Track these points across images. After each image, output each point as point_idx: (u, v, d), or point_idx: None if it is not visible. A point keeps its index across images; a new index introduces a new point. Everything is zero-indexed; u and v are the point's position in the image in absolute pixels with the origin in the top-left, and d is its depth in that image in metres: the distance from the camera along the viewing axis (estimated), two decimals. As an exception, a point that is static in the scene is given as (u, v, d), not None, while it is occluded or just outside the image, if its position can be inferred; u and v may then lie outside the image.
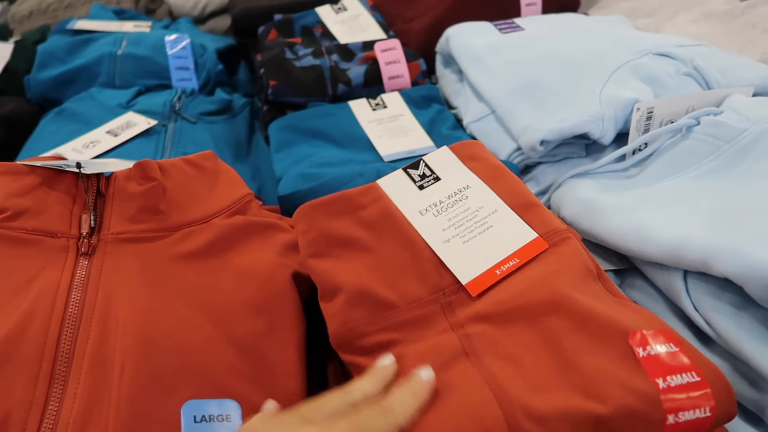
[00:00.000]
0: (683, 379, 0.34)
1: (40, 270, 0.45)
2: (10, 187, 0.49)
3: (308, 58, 0.84)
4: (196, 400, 0.38)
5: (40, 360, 0.39)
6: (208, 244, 0.49)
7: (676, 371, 0.35)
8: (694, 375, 0.35)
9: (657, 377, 0.34)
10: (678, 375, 0.35)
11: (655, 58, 0.69)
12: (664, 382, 0.34)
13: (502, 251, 0.45)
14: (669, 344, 0.37)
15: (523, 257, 0.44)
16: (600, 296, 0.42)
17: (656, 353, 0.36)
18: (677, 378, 0.34)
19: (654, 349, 0.36)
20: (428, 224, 0.47)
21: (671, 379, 0.34)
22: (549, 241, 0.45)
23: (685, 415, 0.33)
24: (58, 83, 0.90)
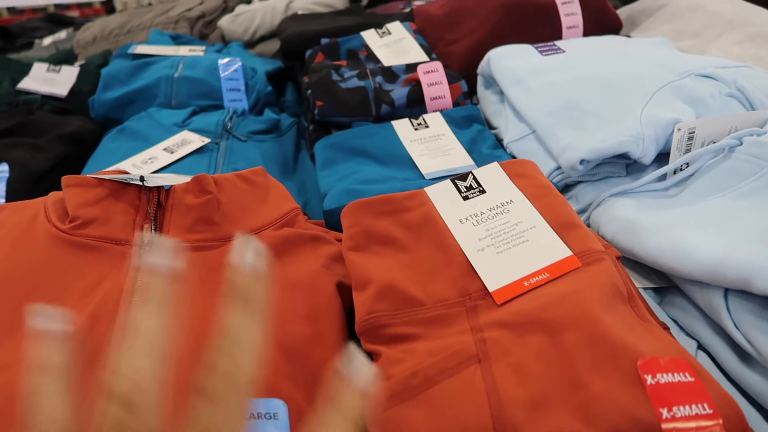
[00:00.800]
0: (692, 411, 0.34)
1: (105, 274, 0.48)
2: (81, 197, 0.53)
3: (353, 79, 0.87)
4: (246, 399, 0.41)
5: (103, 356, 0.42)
6: (258, 254, 0.52)
7: (685, 401, 0.34)
8: (705, 407, 0.34)
9: (662, 406, 0.34)
10: (686, 406, 0.34)
11: (698, 79, 0.69)
12: (668, 412, 0.34)
13: (533, 265, 0.46)
14: (683, 373, 0.36)
15: (553, 273, 0.46)
16: (625, 319, 0.42)
17: (666, 381, 0.35)
18: (685, 409, 0.34)
19: (664, 377, 0.36)
20: (466, 232, 0.49)
21: (678, 409, 0.34)
22: (583, 261, 0.46)
23: None
24: (120, 104, 0.96)
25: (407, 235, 0.50)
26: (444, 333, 0.44)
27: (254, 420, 0.40)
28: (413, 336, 0.44)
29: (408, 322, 0.44)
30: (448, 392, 0.39)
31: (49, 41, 1.56)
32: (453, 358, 0.41)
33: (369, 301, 0.46)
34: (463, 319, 0.44)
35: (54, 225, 0.51)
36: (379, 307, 0.45)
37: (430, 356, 0.41)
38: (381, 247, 0.50)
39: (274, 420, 0.40)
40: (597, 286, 0.43)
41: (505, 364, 0.40)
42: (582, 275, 0.44)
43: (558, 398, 0.37)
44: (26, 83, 1.03)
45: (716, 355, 0.47)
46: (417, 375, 0.40)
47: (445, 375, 0.40)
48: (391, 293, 0.46)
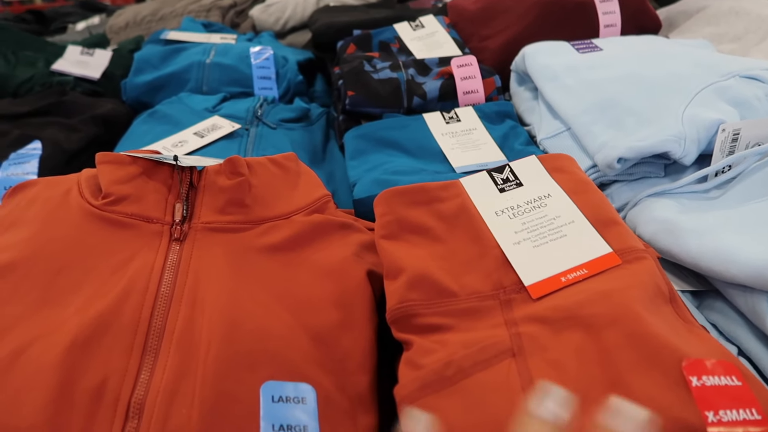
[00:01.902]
0: (739, 415, 0.32)
1: (137, 251, 0.48)
2: (114, 174, 0.53)
3: (386, 71, 0.86)
4: (275, 382, 0.40)
5: (134, 332, 0.42)
6: (288, 239, 0.52)
7: (731, 405, 0.33)
8: (753, 412, 0.33)
9: (708, 409, 0.33)
10: (733, 410, 0.33)
11: (743, 80, 0.67)
12: (715, 415, 0.32)
13: (571, 260, 0.45)
14: (730, 377, 0.35)
15: (592, 269, 0.44)
16: (667, 319, 0.41)
17: (712, 384, 0.34)
18: (732, 413, 0.32)
19: (710, 379, 0.34)
20: (502, 225, 0.48)
21: (724, 413, 0.32)
22: (623, 258, 0.45)
23: None
24: (151, 88, 0.96)
25: (441, 225, 0.50)
26: (477, 326, 0.43)
27: (282, 403, 0.39)
28: (446, 327, 0.43)
29: (440, 313, 0.43)
30: (483, 385, 0.38)
31: (83, 26, 1.58)
32: (487, 350, 0.40)
33: (401, 289, 0.45)
34: (497, 312, 0.43)
35: (87, 201, 0.51)
36: (412, 296, 0.44)
37: (463, 348, 0.40)
38: (414, 236, 0.49)
39: (302, 404, 0.40)
40: (639, 284, 0.41)
41: (542, 359, 0.39)
42: (622, 273, 0.43)
43: (597, 396, 0.35)
44: (60, 65, 1.04)
45: (758, 362, 0.46)
46: (450, 366, 0.39)
47: (479, 367, 0.39)
48: (424, 283, 0.45)
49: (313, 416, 0.39)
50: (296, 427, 0.38)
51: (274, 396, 0.39)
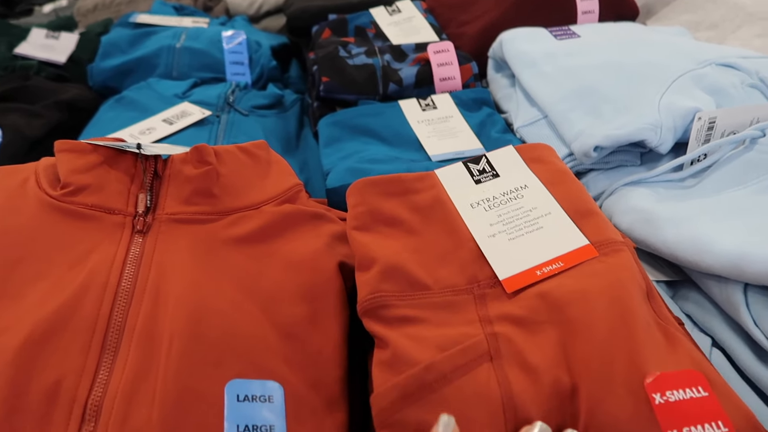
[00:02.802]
0: (704, 430, 0.32)
1: (97, 244, 0.46)
2: (74, 164, 0.50)
3: (361, 56, 0.84)
4: (240, 380, 0.39)
5: (92, 330, 0.40)
6: (257, 230, 0.50)
7: (697, 421, 0.32)
8: (720, 425, 0.32)
9: (671, 428, 0.32)
10: (699, 426, 0.32)
11: (719, 68, 0.67)
12: None
13: (547, 253, 0.44)
14: (695, 388, 0.34)
15: (568, 262, 0.43)
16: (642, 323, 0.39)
17: (676, 399, 0.33)
18: (697, 429, 0.32)
19: (674, 394, 0.33)
20: (477, 217, 0.47)
21: (689, 430, 0.32)
22: (600, 251, 0.44)
23: None
24: (119, 72, 0.93)
25: (415, 217, 0.48)
26: (451, 320, 0.42)
27: (248, 402, 0.38)
28: (418, 319, 0.42)
29: (413, 305, 0.42)
30: (463, 396, 0.36)
31: (50, 8, 1.52)
32: (467, 353, 0.38)
33: (373, 280, 0.44)
34: (470, 307, 0.42)
35: (45, 191, 0.49)
36: (384, 287, 0.43)
37: (439, 348, 0.39)
38: (387, 228, 0.48)
39: (269, 403, 0.38)
40: (615, 282, 0.40)
41: (518, 365, 0.38)
42: (599, 267, 0.42)
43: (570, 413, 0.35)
44: (23, 48, 1.00)
45: (732, 352, 0.46)
46: (431, 370, 0.37)
47: (459, 373, 0.37)
48: (396, 274, 0.44)
49: (281, 415, 0.38)
50: (262, 427, 0.37)
51: (240, 395, 0.38)
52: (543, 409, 0.35)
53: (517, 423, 0.35)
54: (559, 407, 0.35)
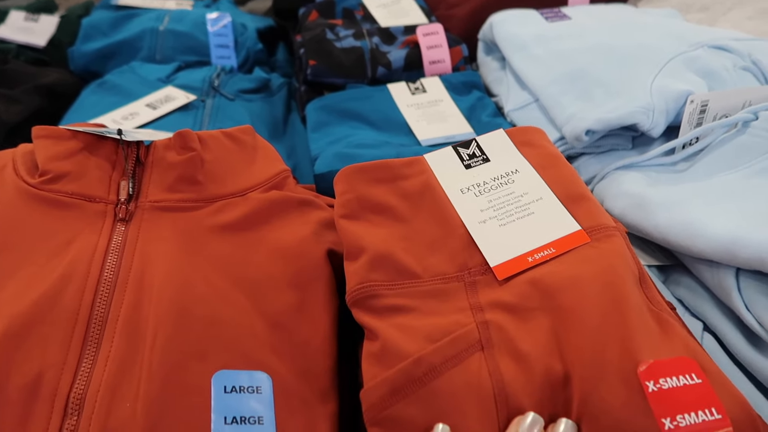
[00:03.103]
0: (698, 418, 0.31)
1: (77, 233, 0.45)
2: (52, 150, 0.49)
3: (349, 39, 0.83)
4: (227, 371, 0.38)
5: (74, 321, 0.39)
6: (244, 217, 0.49)
7: (690, 408, 0.32)
8: (713, 412, 0.31)
9: (664, 416, 0.31)
10: (692, 413, 0.31)
11: (711, 50, 0.66)
12: (672, 422, 0.31)
13: (538, 239, 0.43)
14: (689, 375, 0.33)
15: (559, 248, 0.42)
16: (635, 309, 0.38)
17: (669, 387, 0.33)
18: (691, 417, 0.31)
19: (667, 382, 0.33)
20: (467, 203, 0.46)
21: (682, 418, 0.31)
22: (592, 236, 0.43)
23: None
24: (101, 56, 0.90)
25: (404, 204, 0.47)
26: (441, 308, 0.41)
27: (236, 393, 0.37)
28: (408, 308, 0.41)
29: (402, 294, 0.41)
30: (454, 388, 0.36)
31: (29, -10, 1.48)
32: (456, 343, 0.38)
33: (362, 270, 0.43)
34: (461, 294, 0.42)
35: (22, 179, 0.47)
36: (373, 277, 0.42)
37: (430, 340, 0.38)
38: (376, 215, 0.47)
39: (257, 394, 0.37)
40: (608, 268, 0.40)
41: (509, 354, 0.37)
42: (591, 253, 0.41)
43: (562, 401, 0.34)
44: (1, 31, 0.97)
45: (723, 337, 0.45)
46: (420, 363, 0.36)
47: (449, 364, 0.37)
48: (385, 263, 0.43)
49: (269, 406, 0.37)
50: (250, 418, 0.36)
51: (227, 386, 0.37)
52: (535, 399, 0.35)
53: (509, 414, 0.35)
54: (552, 396, 0.35)
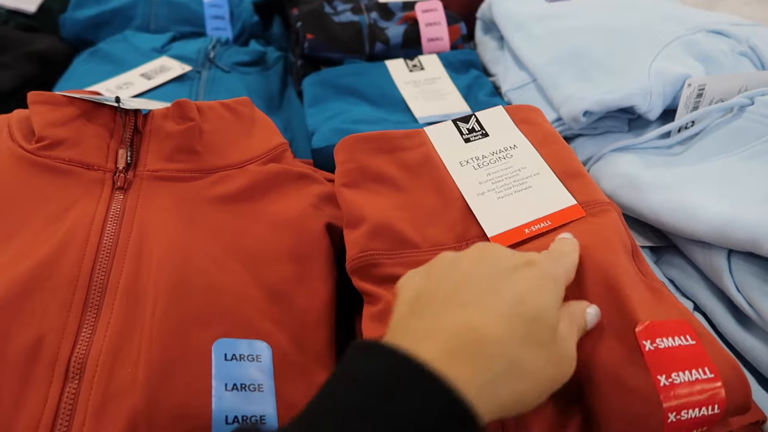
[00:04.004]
0: (692, 376, 0.32)
1: (76, 200, 0.45)
2: (49, 116, 0.48)
3: (347, 14, 0.82)
4: (227, 339, 0.38)
5: (74, 287, 0.39)
6: (242, 190, 0.49)
7: (685, 367, 0.33)
8: (706, 371, 0.33)
9: (660, 374, 0.33)
10: (686, 371, 0.33)
11: (709, 35, 0.66)
12: (667, 379, 0.32)
13: (535, 212, 0.44)
14: (684, 337, 0.35)
15: (555, 221, 0.43)
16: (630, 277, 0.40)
17: (665, 346, 0.34)
18: (685, 375, 0.32)
19: (664, 342, 0.34)
20: (466, 175, 0.47)
21: (677, 375, 0.32)
22: (587, 211, 0.44)
23: (689, 413, 0.32)
24: (93, 24, 0.89)
25: (404, 175, 0.48)
26: None
27: (236, 361, 0.37)
28: None
29: (402, 263, 0.42)
30: None
31: (16, -45, 1.44)
32: None
33: (362, 238, 0.43)
34: None
35: (19, 144, 0.47)
36: (373, 246, 0.43)
37: None
38: (376, 185, 0.47)
39: (257, 362, 0.38)
40: (603, 240, 0.40)
41: None
42: (586, 227, 0.42)
43: None
44: (-10, -4, 0.95)
45: (713, 317, 0.46)
46: None
47: None
48: (385, 232, 0.43)
49: (269, 374, 0.38)
50: (250, 385, 0.37)
51: (227, 354, 0.38)
52: None
53: None
54: None
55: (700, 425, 0.32)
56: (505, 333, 0.28)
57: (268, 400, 0.37)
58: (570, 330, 0.32)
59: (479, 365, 0.27)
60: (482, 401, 0.26)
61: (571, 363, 0.32)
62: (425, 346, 0.27)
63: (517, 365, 0.28)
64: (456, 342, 0.28)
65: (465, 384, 0.26)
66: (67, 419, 0.34)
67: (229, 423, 0.35)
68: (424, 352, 0.26)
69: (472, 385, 0.26)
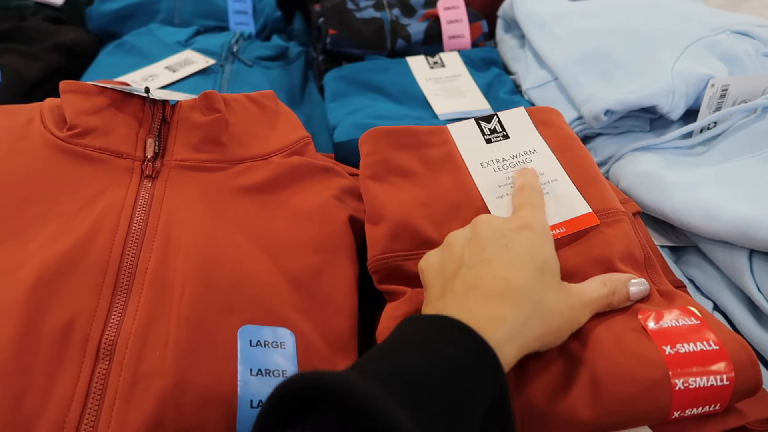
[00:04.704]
0: (696, 347, 0.34)
1: (105, 187, 0.46)
2: (80, 105, 0.49)
3: (369, 10, 0.83)
4: (252, 326, 0.39)
5: (104, 271, 0.40)
6: (266, 181, 0.49)
7: (689, 339, 0.34)
8: (711, 343, 0.34)
9: (665, 344, 0.34)
10: (691, 343, 0.34)
11: (733, 36, 0.66)
12: (672, 348, 0.34)
13: (551, 218, 0.44)
14: (687, 318, 0.36)
15: (570, 228, 0.44)
16: None
17: (669, 326, 0.35)
18: (689, 345, 0.34)
19: (666, 322, 0.36)
20: (486, 177, 0.47)
21: (681, 346, 0.34)
22: (601, 219, 0.44)
23: (696, 381, 0.32)
24: (119, 17, 0.90)
25: (427, 171, 0.48)
26: None
27: (261, 347, 0.38)
28: None
29: None
30: None
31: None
32: None
33: (384, 239, 0.44)
34: None
35: (51, 132, 0.48)
36: (394, 247, 0.43)
37: None
38: (399, 179, 0.48)
39: (281, 349, 0.39)
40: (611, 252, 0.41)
41: None
42: (598, 238, 0.43)
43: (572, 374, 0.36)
44: (19, -12, 0.96)
45: (733, 317, 0.47)
46: None
47: None
48: (406, 232, 0.44)
49: (293, 361, 0.38)
50: (275, 371, 0.37)
51: (252, 340, 0.38)
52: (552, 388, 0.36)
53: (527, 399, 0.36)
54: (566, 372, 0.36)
55: (711, 399, 0.33)
56: (527, 281, 0.34)
57: (291, 386, 0.38)
58: (590, 286, 0.37)
59: (513, 308, 0.33)
60: (516, 339, 0.32)
61: (582, 309, 0.36)
62: (462, 302, 0.34)
63: (540, 305, 0.34)
64: (489, 292, 0.33)
65: (501, 319, 0.32)
66: (98, 399, 0.35)
67: (254, 407, 0.36)
68: (460, 306, 0.33)
69: (508, 321, 0.32)
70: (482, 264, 0.35)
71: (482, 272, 0.34)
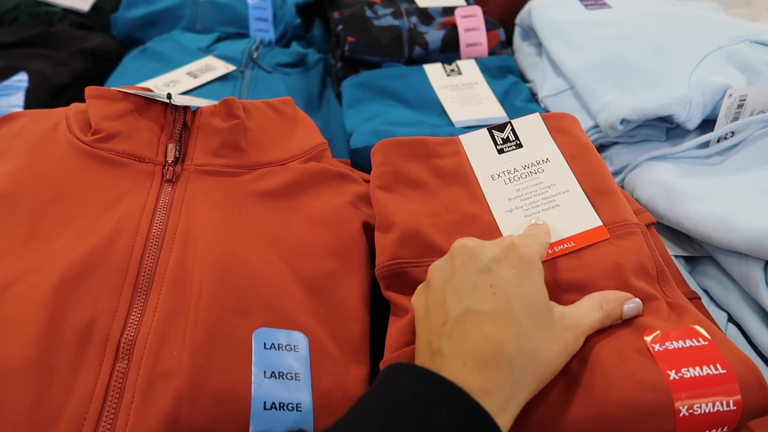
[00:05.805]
0: (703, 371, 0.33)
1: (127, 191, 0.47)
2: (105, 110, 0.51)
3: (387, 18, 0.83)
4: (267, 329, 0.40)
5: (124, 272, 0.41)
6: (284, 186, 0.50)
7: (695, 363, 0.33)
8: (718, 367, 0.33)
9: (669, 369, 0.33)
10: (697, 367, 0.33)
11: (753, 45, 0.66)
12: (676, 373, 0.33)
13: (560, 232, 0.44)
14: (694, 339, 0.35)
15: (579, 242, 0.43)
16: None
17: (675, 348, 0.34)
18: (695, 370, 0.33)
19: (673, 344, 0.35)
20: (496, 190, 0.47)
21: (687, 370, 0.33)
22: (612, 233, 0.43)
23: (701, 407, 0.32)
24: (143, 23, 0.92)
25: (437, 182, 0.48)
26: None
27: (275, 350, 0.39)
28: None
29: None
30: None
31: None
32: None
33: (392, 246, 0.44)
34: None
35: (76, 136, 0.50)
36: (402, 254, 0.44)
37: None
38: (409, 189, 0.48)
39: (295, 352, 0.39)
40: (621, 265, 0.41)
41: None
42: (608, 250, 0.42)
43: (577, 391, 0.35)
44: (47, -5, 0.99)
45: (747, 328, 0.46)
46: None
47: None
48: (415, 240, 0.44)
49: (306, 364, 0.39)
50: (288, 374, 0.38)
51: (266, 343, 0.39)
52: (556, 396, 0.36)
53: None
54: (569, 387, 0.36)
55: (717, 424, 0.32)
56: (517, 334, 0.32)
57: (304, 389, 0.38)
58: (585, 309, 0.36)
59: (506, 374, 0.31)
60: (511, 402, 0.31)
61: (576, 340, 0.35)
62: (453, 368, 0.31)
63: (534, 354, 0.32)
64: (479, 356, 0.31)
65: (494, 390, 0.30)
66: (117, 396, 0.36)
67: (267, 409, 0.37)
68: (453, 372, 0.31)
69: (501, 390, 0.31)
70: (467, 318, 0.33)
71: (469, 329, 0.32)
